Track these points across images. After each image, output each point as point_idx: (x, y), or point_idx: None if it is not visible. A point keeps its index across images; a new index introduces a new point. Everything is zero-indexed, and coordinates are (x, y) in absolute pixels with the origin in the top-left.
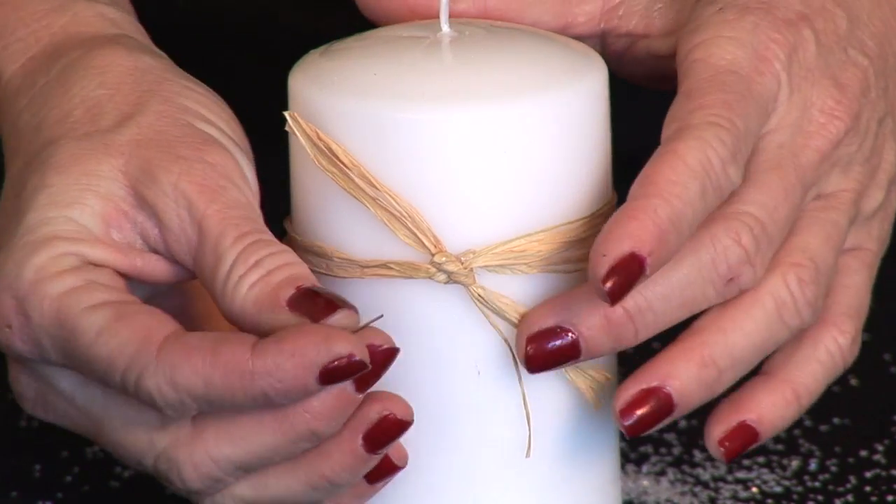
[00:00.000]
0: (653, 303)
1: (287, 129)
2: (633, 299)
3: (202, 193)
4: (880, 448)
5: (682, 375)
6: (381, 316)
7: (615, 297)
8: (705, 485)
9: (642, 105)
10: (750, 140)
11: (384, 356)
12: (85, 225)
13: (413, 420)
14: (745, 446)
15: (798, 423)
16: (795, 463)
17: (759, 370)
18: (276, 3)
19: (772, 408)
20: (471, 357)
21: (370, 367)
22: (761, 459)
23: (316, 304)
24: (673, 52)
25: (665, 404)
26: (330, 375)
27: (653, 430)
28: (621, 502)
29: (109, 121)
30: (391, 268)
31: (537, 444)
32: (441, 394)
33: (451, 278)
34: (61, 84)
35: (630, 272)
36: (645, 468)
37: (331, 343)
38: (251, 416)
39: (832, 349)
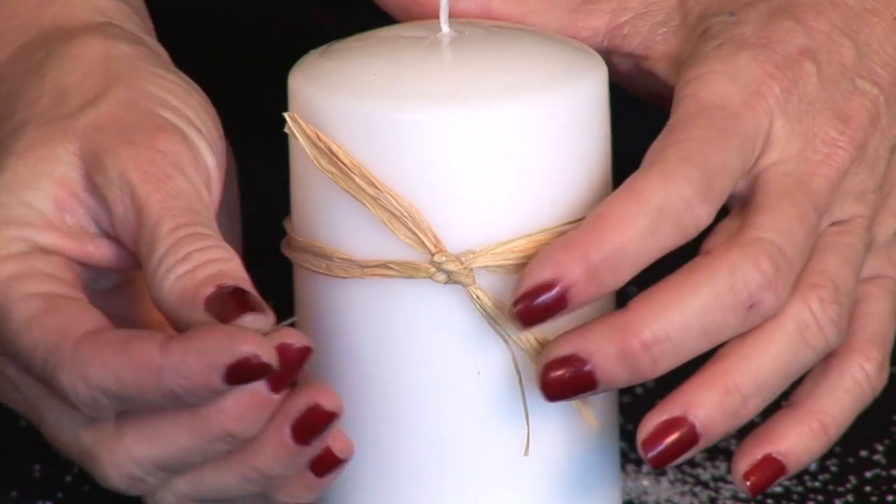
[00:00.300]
0: (670, 333)
1: (287, 130)
2: (650, 329)
3: (146, 181)
4: (880, 448)
5: (706, 404)
6: (295, 319)
7: (524, 321)
8: (705, 485)
9: (642, 105)
10: (727, 177)
11: (298, 355)
12: (39, 208)
13: (342, 412)
14: (772, 480)
15: None
16: None
17: (785, 402)
18: (277, 3)
19: (798, 440)
20: (471, 357)
21: (277, 368)
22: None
23: (228, 305)
24: (671, 78)
25: (689, 434)
26: (235, 375)
27: (678, 461)
28: (621, 502)
29: (72, 106)
30: (391, 268)
31: (537, 443)
32: (441, 394)
33: (450, 278)
34: (36, 71)
35: (546, 301)
36: (645, 468)
37: (236, 343)
38: (169, 417)
39: (859, 377)
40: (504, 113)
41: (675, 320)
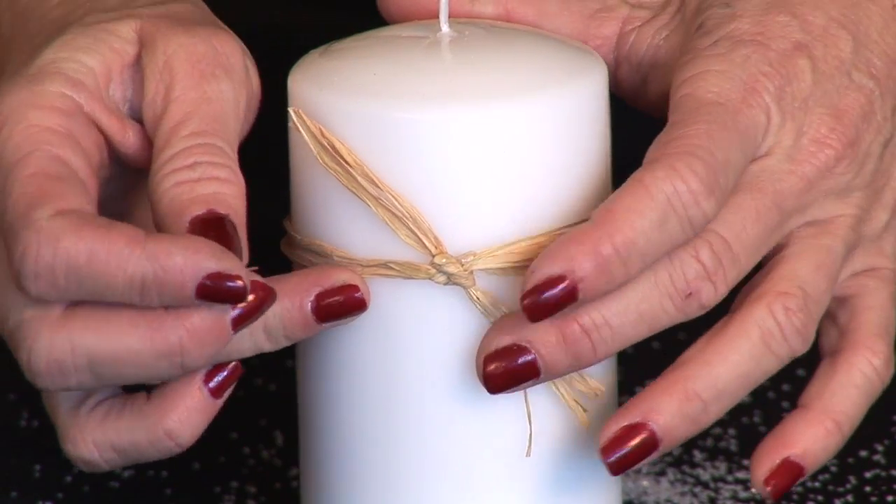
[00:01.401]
0: (609, 319)
1: (291, 126)
2: (589, 315)
3: (189, 75)
4: (880, 448)
5: (666, 410)
6: (258, 269)
7: (533, 315)
8: (705, 485)
9: None
10: (731, 171)
11: (266, 295)
12: (91, 69)
13: (367, 306)
14: (792, 482)
15: None
16: None
17: (798, 403)
18: (274, 5)
19: (814, 441)
20: (471, 358)
21: (248, 298)
22: None
23: (209, 234)
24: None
25: (649, 440)
26: (212, 287)
27: (639, 466)
28: (621, 502)
29: (141, 3)
30: (391, 268)
31: (537, 444)
32: (441, 394)
33: (450, 280)
34: None
35: (556, 295)
36: (645, 468)
37: (224, 258)
38: (129, 314)
39: (867, 372)
40: (504, 113)
41: (613, 306)
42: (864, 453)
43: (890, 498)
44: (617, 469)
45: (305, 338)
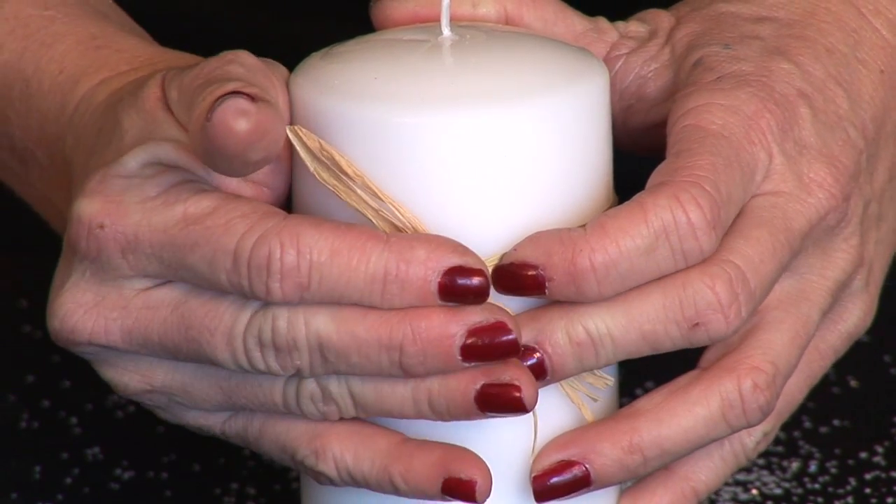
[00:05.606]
0: (612, 330)
1: (289, 142)
2: (594, 322)
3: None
4: (880, 450)
5: (606, 456)
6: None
7: (499, 285)
8: None
9: None
10: (732, 208)
11: (499, 325)
12: (175, 137)
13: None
14: None
15: (798, 425)
16: (795, 465)
17: None
18: (272, 10)
19: None
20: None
21: (488, 289)
22: (761, 461)
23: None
24: (665, 121)
25: (582, 479)
26: (451, 286)
27: (564, 499)
28: None
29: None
30: None
31: (537, 444)
32: None
33: None
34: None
35: (524, 279)
36: None
37: (467, 254)
38: (360, 307)
39: (737, 449)
40: (505, 117)
41: (619, 321)
42: (864, 455)
43: (890, 500)
44: (542, 497)
45: (467, 421)
